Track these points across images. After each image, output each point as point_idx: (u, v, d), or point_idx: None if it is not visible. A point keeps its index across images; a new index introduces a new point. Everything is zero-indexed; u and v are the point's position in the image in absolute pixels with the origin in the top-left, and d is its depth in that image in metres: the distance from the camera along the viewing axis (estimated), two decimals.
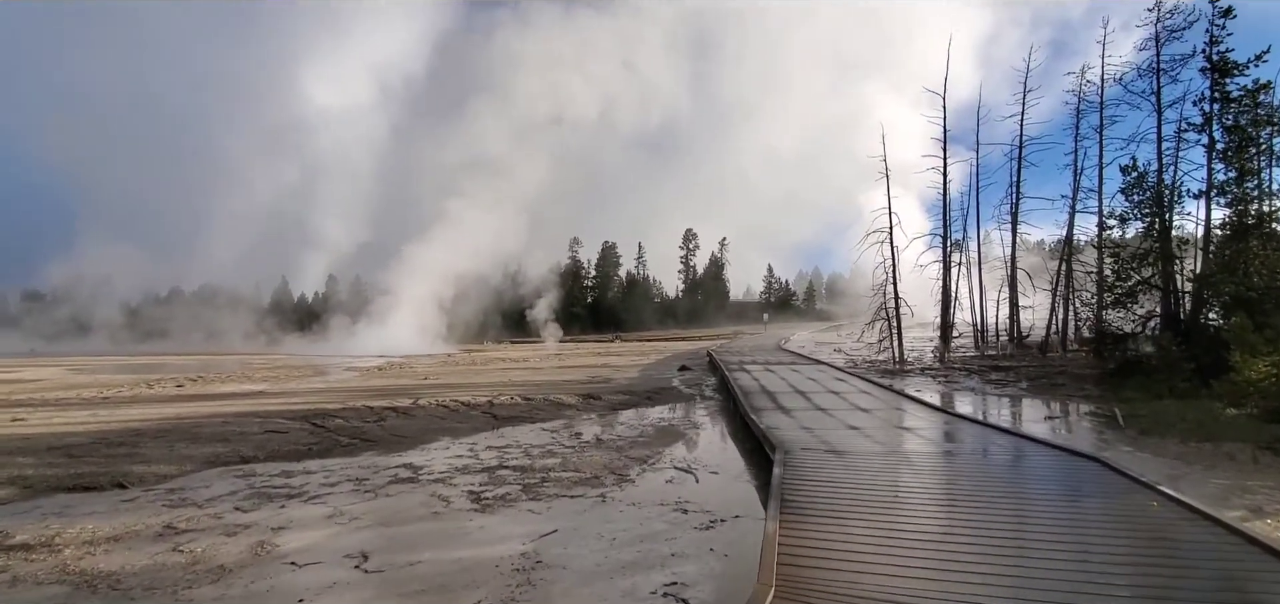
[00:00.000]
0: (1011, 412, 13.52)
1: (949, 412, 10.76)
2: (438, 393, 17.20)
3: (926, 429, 9.42)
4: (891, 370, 21.20)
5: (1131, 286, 16.75)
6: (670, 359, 29.28)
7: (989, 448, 7.97)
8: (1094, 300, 20.42)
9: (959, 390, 16.84)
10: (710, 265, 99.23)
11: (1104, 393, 15.07)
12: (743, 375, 17.46)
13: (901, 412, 11.11)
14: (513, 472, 8.52)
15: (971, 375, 19.68)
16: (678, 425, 12.33)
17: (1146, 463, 7.98)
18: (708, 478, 8.19)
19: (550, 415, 13.57)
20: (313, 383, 21.21)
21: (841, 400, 12.50)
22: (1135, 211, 16.94)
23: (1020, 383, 17.89)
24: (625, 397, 16.40)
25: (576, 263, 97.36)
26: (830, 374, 17.79)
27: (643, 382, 20.15)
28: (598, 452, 9.75)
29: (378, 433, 11.52)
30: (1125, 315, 17.55)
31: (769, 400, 12.52)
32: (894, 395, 13.22)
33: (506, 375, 23.16)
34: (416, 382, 21.04)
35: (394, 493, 7.58)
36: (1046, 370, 19.55)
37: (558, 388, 18.47)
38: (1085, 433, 10.58)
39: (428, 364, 30.67)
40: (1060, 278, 23.90)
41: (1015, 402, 14.93)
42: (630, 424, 12.48)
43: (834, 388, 14.58)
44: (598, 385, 19.08)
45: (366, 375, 24.31)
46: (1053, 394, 15.82)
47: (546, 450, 9.89)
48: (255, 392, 18.48)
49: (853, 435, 8.77)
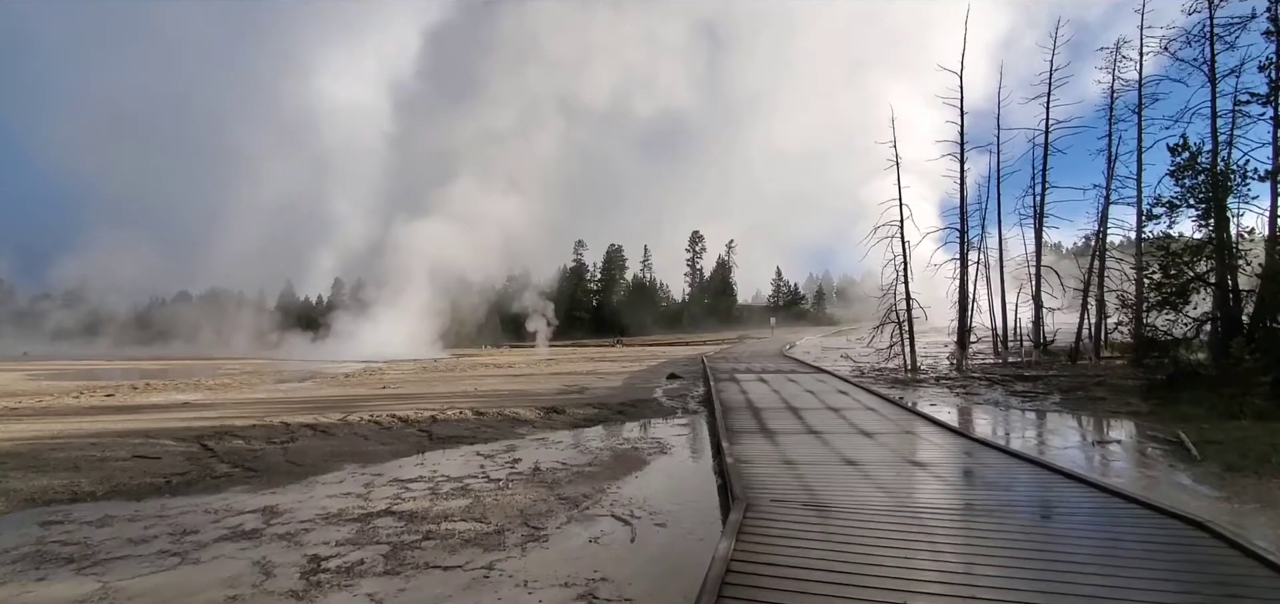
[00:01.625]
0: (1049, 435, 11.26)
1: (974, 438, 8.54)
2: (385, 405, 15.18)
3: (946, 464, 7.23)
4: (902, 380, 18.94)
5: (1183, 284, 14.41)
6: (663, 366, 27.14)
7: (1038, 497, 5.77)
8: (1133, 301, 18.04)
9: (981, 405, 14.57)
10: (717, 268, 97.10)
11: (1154, 408, 12.77)
12: (731, 387, 15.28)
13: (913, 436, 8.90)
14: (396, 522, 6.43)
15: (994, 386, 17.38)
16: (642, 450, 10.19)
17: (1268, 528, 5.76)
18: (650, 534, 6.05)
19: (495, 434, 11.48)
20: (255, 393, 19.25)
21: (841, 419, 10.31)
22: (1187, 197, 14.59)
23: (1051, 395, 15.58)
24: (595, 410, 14.29)
25: (581, 265, 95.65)
26: (832, 385, 15.58)
27: (623, 392, 18.03)
28: (524, 489, 7.65)
29: (272, 459, 9.47)
30: (1174, 318, 15.22)
31: (753, 419, 10.36)
32: (904, 413, 11.02)
33: (478, 383, 21.12)
34: (372, 391, 19.04)
35: (209, 558, 5.51)
36: (1080, 380, 17.20)
37: (525, 399, 16.40)
38: (1152, 468, 8.33)
39: (405, 370, 28.73)
40: (1092, 276, 21.53)
41: (1051, 420, 12.66)
42: (585, 447, 10.36)
43: (834, 402, 12.38)
44: (571, 396, 16.99)
45: (324, 383, 22.37)
46: (1092, 410, 13.52)
47: (461, 487, 7.80)
48: (182, 402, 16.54)
49: (847, 476, 6.59)
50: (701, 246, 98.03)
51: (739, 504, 5.24)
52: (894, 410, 11.27)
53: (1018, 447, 8.99)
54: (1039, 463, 6.97)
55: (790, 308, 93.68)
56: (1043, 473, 6.59)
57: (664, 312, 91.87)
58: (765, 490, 5.87)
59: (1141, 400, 13.84)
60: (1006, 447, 7.90)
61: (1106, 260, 20.71)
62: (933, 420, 10.02)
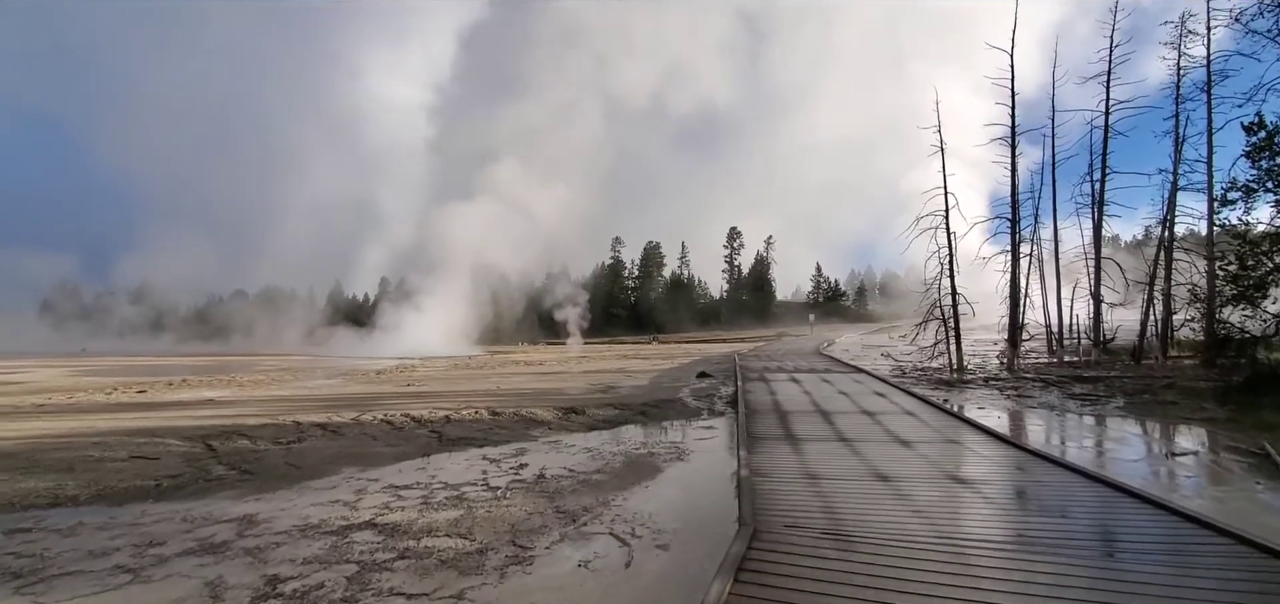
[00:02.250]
0: (1113, 444, 10.12)
1: (1027, 449, 7.56)
2: (404, 403, 14.87)
3: (994, 481, 6.32)
4: (947, 381, 17.74)
5: (1262, 277, 12.94)
6: (695, 364, 26.36)
7: (1101, 524, 4.87)
8: (1204, 295, 16.46)
9: (1035, 409, 13.38)
10: (755, 264, 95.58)
11: (1232, 414, 11.46)
12: (759, 387, 14.44)
13: (957, 446, 7.97)
14: (375, 536, 5.90)
15: (1049, 388, 16.07)
16: (659, 456, 9.50)
17: None
18: (649, 559, 5.36)
19: (507, 436, 10.95)
20: (283, 390, 19.26)
21: (876, 425, 9.41)
22: (1265, 180, 13.10)
23: (1114, 399, 14.25)
24: (616, 411, 13.66)
25: (618, 262, 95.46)
26: (869, 386, 14.59)
27: (648, 391, 17.36)
28: (523, 500, 7.05)
29: (271, 462, 9.13)
30: (1251, 314, 13.74)
31: (778, 424, 9.55)
32: (947, 418, 10.03)
33: (504, 382, 20.75)
34: (396, 389, 18.83)
35: (161, 576, 5.05)
36: (1146, 382, 15.76)
37: (547, 398, 15.90)
38: (1234, 485, 7.22)
39: (436, 367, 28.66)
40: (1157, 268, 19.86)
41: (1114, 427, 11.46)
42: (599, 452, 9.73)
43: (870, 405, 11.45)
44: (594, 395, 16.42)
45: (353, 380, 22.35)
46: (1161, 415, 12.24)
47: (456, 496, 7.26)
48: (207, 400, 16.57)
49: (878, 495, 5.77)
50: (739, 243, 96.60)
51: (744, 531, 4.50)
52: (936, 415, 10.30)
53: (1077, 459, 7.98)
54: (1102, 480, 6.01)
55: (830, 304, 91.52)
56: (1106, 492, 5.66)
57: (701, 308, 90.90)
58: (779, 512, 5.11)
59: (1217, 405, 12.48)
60: (1064, 459, 6.92)
61: (1174, 251, 19.02)
62: (979, 427, 9.04)
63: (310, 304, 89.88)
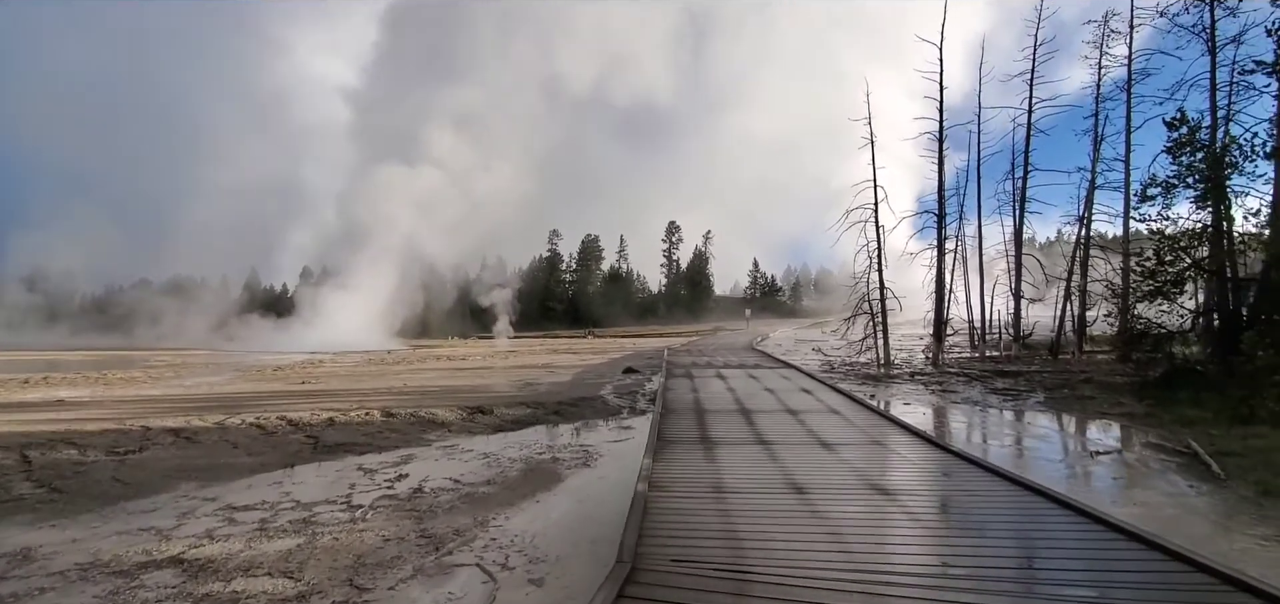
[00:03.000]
0: (1038, 442, 9.81)
1: (953, 451, 6.96)
2: (290, 404, 13.33)
3: (920, 491, 5.65)
4: (875, 376, 17.51)
5: (1180, 273, 13.08)
6: (626, 359, 25.48)
7: (1044, 546, 4.21)
8: (1120, 291, 16.77)
9: (959, 404, 13.14)
10: (694, 259, 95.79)
11: (1151, 410, 11.43)
12: (682, 384, 13.66)
13: (882, 448, 7.32)
14: (173, 578, 4.68)
15: (972, 383, 16.01)
16: (563, 461, 8.52)
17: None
18: (516, 598, 4.38)
19: (396, 441, 9.72)
20: (156, 389, 17.21)
21: (798, 426, 8.71)
22: (1185, 176, 13.22)
23: (1034, 394, 14.23)
24: (529, 410, 12.59)
25: (555, 255, 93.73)
26: (796, 382, 14.04)
27: (569, 388, 16.35)
28: (384, 522, 5.93)
29: (94, 477, 7.62)
30: (1167, 309, 13.93)
31: (695, 425, 8.72)
32: (873, 417, 9.46)
33: (415, 378, 19.28)
34: (289, 387, 17.12)
35: None
36: (1064, 377, 15.90)
37: (457, 396, 14.67)
38: (1165, 489, 6.84)
39: (347, 363, 26.69)
40: (1075, 265, 20.29)
41: (1039, 425, 11.24)
42: (496, 458, 8.66)
43: (795, 403, 10.80)
44: (510, 393, 15.27)
45: (246, 377, 20.34)
46: (1081, 410, 12.16)
47: (304, 519, 6.06)
48: (58, 400, 14.47)
49: (790, 512, 4.96)
50: (678, 237, 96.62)
51: (619, 570, 3.56)
52: (862, 413, 9.72)
53: (1003, 461, 7.51)
54: (1032, 487, 5.42)
55: (767, 300, 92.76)
56: (1036, 501, 5.07)
57: (639, 303, 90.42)
58: (670, 540, 4.21)
59: (1135, 400, 12.51)
60: (991, 464, 6.35)
61: (1090, 249, 19.45)
62: (905, 427, 8.47)
63: (224, 294, 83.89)
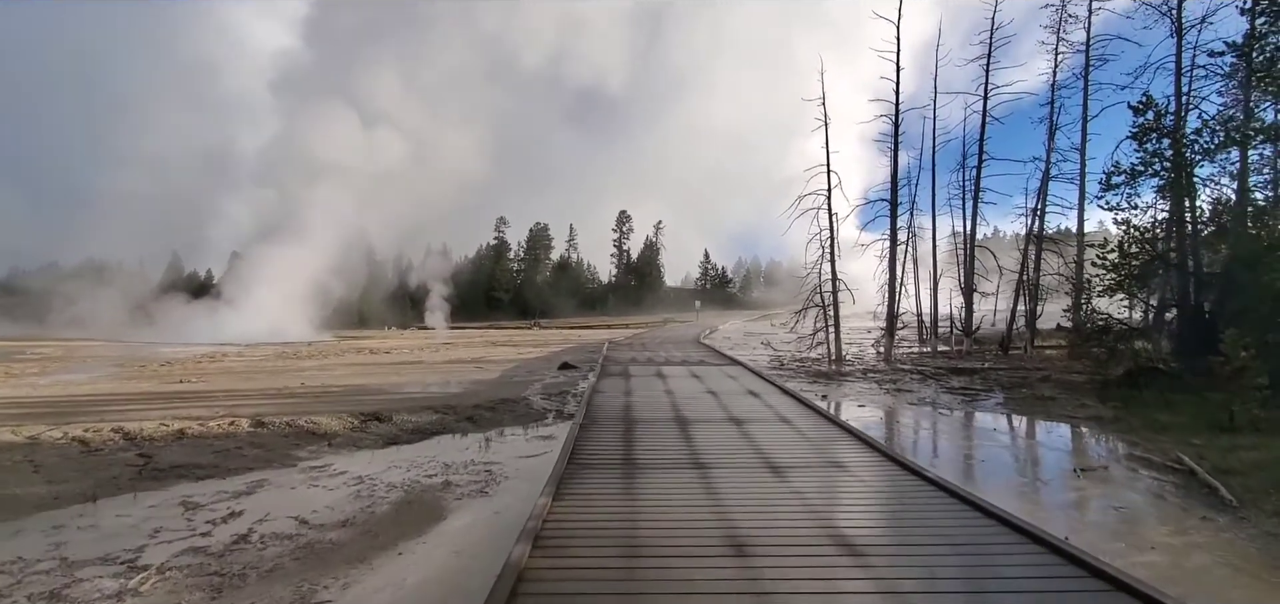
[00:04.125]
0: (1012, 457, 8.72)
1: (924, 476, 5.66)
2: (142, 410, 11.23)
3: (889, 544, 4.29)
4: (826, 372, 16.42)
5: (1145, 265, 12.33)
6: (566, 352, 23.85)
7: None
8: (1082, 284, 16.13)
9: (915, 405, 12.08)
10: (644, 250, 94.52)
11: (1119, 413, 10.57)
12: (615, 386, 12.13)
13: (838, 471, 5.97)
14: None
15: (927, 381, 15.07)
16: (454, 488, 6.90)
17: None
18: None
19: (253, 462, 7.87)
20: None
21: (743, 439, 7.31)
22: (1150, 163, 12.47)
23: (992, 393, 13.34)
24: (436, 415, 10.85)
25: (502, 243, 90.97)
26: (744, 382, 12.73)
27: (494, 386, 14.64)
28: (164, 596, 4.20)
29: None
30: (1129, 304, 13.24)
31: (621, 440, 7.21)
32: (828, 427, 8.15)
33: (321, 376, 17.18)
34: (163, 388, 14.84)
35: None
36: (1020, 374, 15.12)
37: (360, 397, 12.80)
38: (1179, 520, 5.71)
39: (251, 358, 24.13)
40: (1027, 259, 19.72)
41: (1004, 432, 10.22)
42: (371, 484, 6.96)
43: (740, 409, 9.42)
44: (420, 395, 13.46)
45: (122, 375, 17.82)
46: (1044, 413, 11.25)
47: (47, 595, 4.26)
48: None
49: (728, 576, 3.51)
50: (629, 227, 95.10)
51: None
52: (815, 422, 8.40)
53: (979, 484, 6.30)
54: (1027, 531, 4.13)
55: (717, 291, 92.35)
56: (1035, 551, 3.77)
57: (589, 293, 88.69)
58: None
59: (1098, 401, 11.69)
60: (971, 496, 5.06)
61: (1043, 242, 18.88)
62: (865, 440, 7.18)
63: (141, 278, 77.51)
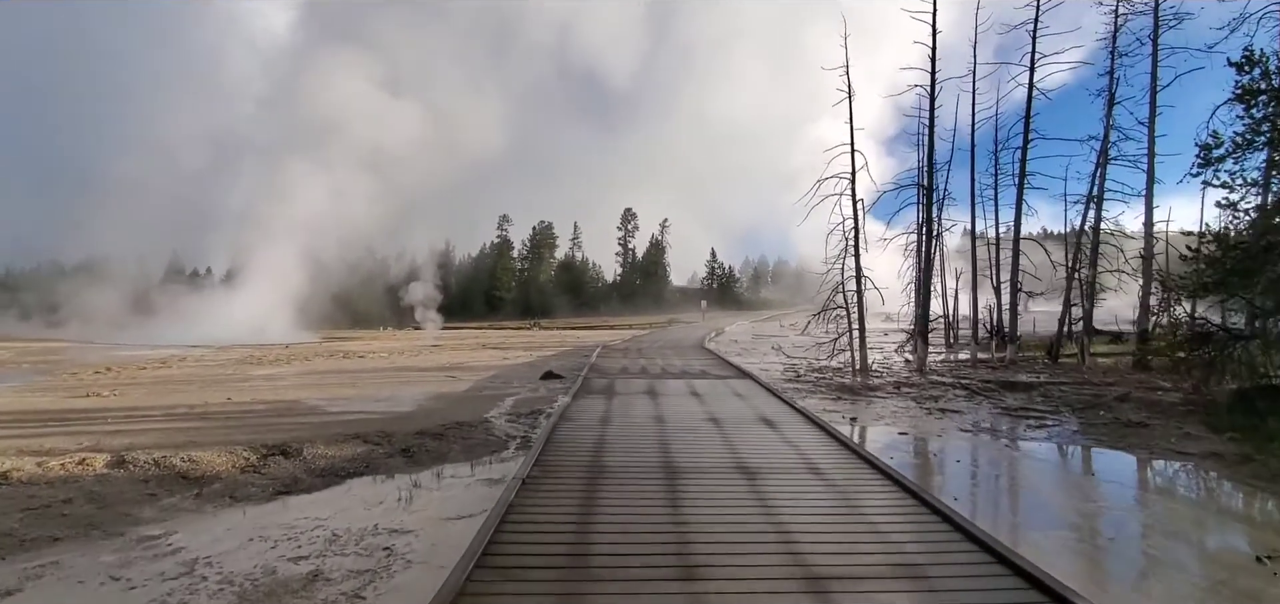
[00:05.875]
0: (1137, 516, 6.22)
1: (1061, 598, 3.26)
2: (9, 430, 8.92)
3: None
4: (850, 387, 13.95)
5: (1259, 251, 9.76)
6: (555, 358, 21.48)
7: None
8: (1171, 283, 13.56)
9: (972, 435, 9.58)
10: (650, 248, 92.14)
11: (1244, 451, 8.08)
12: (594, 408, 9.72)
13: (912, 576, 3.55)
14: None
15: (974, 398, 12.58)
16: (319, 584, 4.52)
17: None
18: None
19: (60, 529, 5.52)
20: None
21: (762, 511, 4.90)
22: (1260, 128, 9.93)
23: (1059, 415, 10.84)
24: (363, 447, 8.48)
25: (505, 242, 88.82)
26: (756, 402, 10.29)
27: (454, 405, 12.26)
28: None
29: None
30: (1234, 308, 10.72)
31: (576, 509, 4.82)
32: (880, 482, 5.71)
33: (260, 389, 14.89)
34: (57, 405, 12.56)
35: None
36: (1092, 392, 12.58)
37: (286, 418, 10.49)
38: None
39: (205, 361, 21.88)
40: (1080, 253, 17.18)
41: (1110, 474, 7.73)
42: (203, 573, 4.60)
43: (753, 449, 6.98)
44: (363, 414, 11.11)
45: (48, 385, 15.60)
46: (1143, 447, 8.75)
47: None
48: None
49: None
50: (634, 225, 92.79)
51: None
52: (855, 471, 5.97)
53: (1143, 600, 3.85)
54: None
55: (724, 290, 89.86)
56: None
57: (594, 293, 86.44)
58: None
59: (1207, 430, 9.20)
60: None
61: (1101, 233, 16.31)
62: (936, 509, 4.74)
63: (139, 276, 75.59)
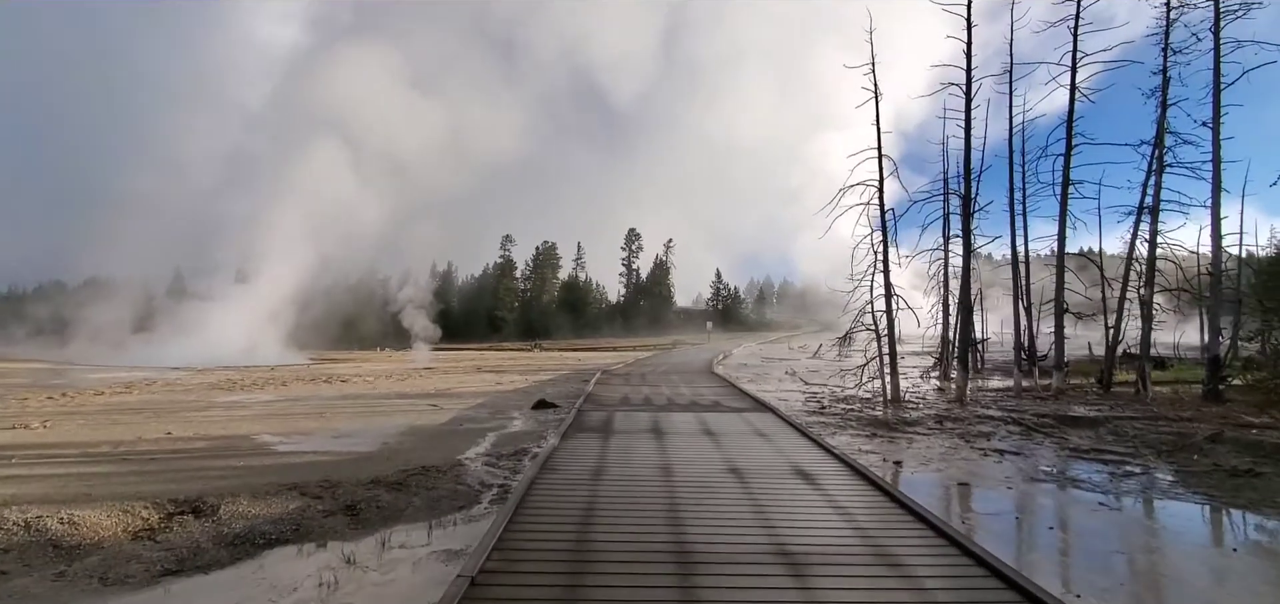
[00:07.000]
0: None
1: None
2: None
3: None
4: (883, 420, 12.22)
5: None
6: (552, 383, 19.79)
7: None
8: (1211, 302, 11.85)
9: (1053, 486, 7.82)
10: (654, 269, 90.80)
11: None
12: (588, 449, 8.03)
13: None
14: None
15: (1030, 435, 10.82)
16: None
17: None
18: None
19: None
20: None
21: None
22: None
23: (1143, 458, 9.07)
24: (299, 503, 6.79)
25: (508, 262, 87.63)
26: (784, 443, 8.58)
27: (427, 443, 10.57)
28: None
29: None
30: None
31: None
32: (971, 569, 4.02)
33: (213, 421, 13.26)
34: None
35: None
36: (1174, 430, 10.80)
37: (225, 458, 8.84)
38: None
39: (176, 385, 20.26)
40: (1130, 271, 15.48)
41: (1248, 546, 5.97)
42: None
43: (790, 515, 5.29)
44: (313, 453, 9.44)
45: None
46: (1265, 501, 6.99)
47: None
48: None
49: None
50: (638, 245, 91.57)
51: None
52: (949, 557, 4.28)
53: None
54: None
55: (729, 311, 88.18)
56: None
57: (597, 314, 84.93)
58: None
59: None
60: None
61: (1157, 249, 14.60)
62: None
63: (144, 297, 74.34)
